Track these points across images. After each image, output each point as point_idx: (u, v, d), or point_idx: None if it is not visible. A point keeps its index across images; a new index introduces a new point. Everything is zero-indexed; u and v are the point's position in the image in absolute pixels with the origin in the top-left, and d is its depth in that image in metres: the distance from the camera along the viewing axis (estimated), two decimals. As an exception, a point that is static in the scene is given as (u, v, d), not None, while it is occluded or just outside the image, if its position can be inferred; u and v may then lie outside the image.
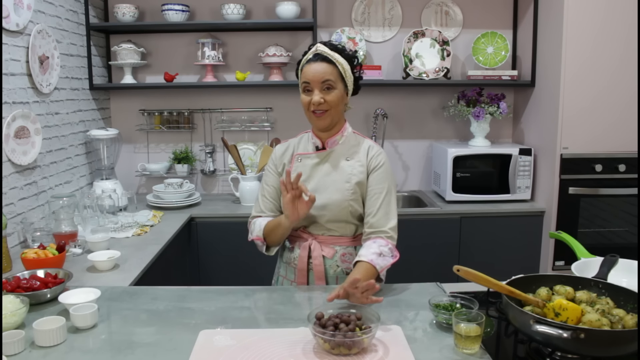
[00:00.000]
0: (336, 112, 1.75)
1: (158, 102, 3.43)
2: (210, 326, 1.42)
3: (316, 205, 1.75)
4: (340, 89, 1.74)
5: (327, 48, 1.75)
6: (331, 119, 1.75)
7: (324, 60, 1.72)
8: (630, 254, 1.74)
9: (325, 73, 1.70)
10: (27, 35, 2.38)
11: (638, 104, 2.88)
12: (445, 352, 1.27)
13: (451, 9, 3.41)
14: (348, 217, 1.78)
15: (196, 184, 3.49)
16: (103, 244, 2.18)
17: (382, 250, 1.68)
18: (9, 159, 2.23)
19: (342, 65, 1.74)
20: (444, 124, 3.52)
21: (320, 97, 1.70)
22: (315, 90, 1.71)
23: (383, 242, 1.71)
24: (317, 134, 1.83)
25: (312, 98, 1.71)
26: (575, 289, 1.35)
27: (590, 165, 2.95)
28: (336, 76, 1.72)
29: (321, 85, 1.71)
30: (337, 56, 1.74)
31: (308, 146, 1.85)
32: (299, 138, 1.90)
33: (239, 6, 3.12)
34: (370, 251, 1.67)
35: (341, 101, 1.76)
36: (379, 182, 1.77)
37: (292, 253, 1.85)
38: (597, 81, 2.87)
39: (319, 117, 1.73)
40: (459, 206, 3.07)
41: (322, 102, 1.71)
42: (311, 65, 1.72)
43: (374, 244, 1.70)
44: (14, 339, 1.28)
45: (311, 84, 1.71)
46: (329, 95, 1.71)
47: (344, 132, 1.83)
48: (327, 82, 1.70)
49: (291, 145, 1.89)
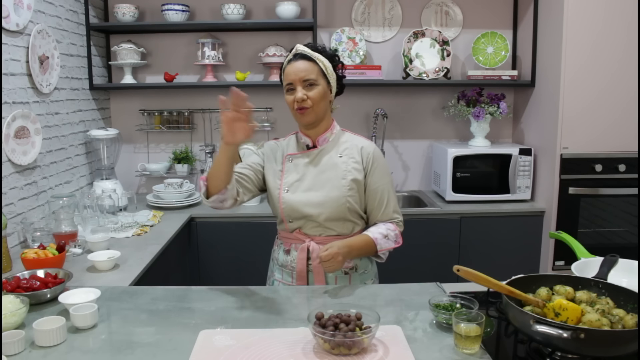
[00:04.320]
0: (319, 108, 1.77)
1: (158, 102, 3.43)
2: (210, 326, 1.42)
3: (314, 203, 1.76)
4: (322, 85, 1.76)
5: (306, 48, 1.78)
6: (315, 115, 1.77)
7: (304, 58, 1.75)
8: (630, 254, 1.74)
9: (306, 71, 1.73)
10: (27, 35, 2.38)
11: (638, 104, 2.88)
12: (445, 352, 1.27)
13: (451, 9, 3.41)
14: (346, 213, 1.78)
15: (196, 184, 3.48)
16: (103, 244, 2.18)
17: (389, 233, 1.80)
18: (9, 159, 2.23)
19: (323, 62, 1.76)
20: (444, 124, 3.52)
21: (302, 93, 1.73)
22: (298, 87, 1.73)
23: (392, 226, 1.83)
24: (306, 133, 1.84)
25: (295, 95, 1.73)
26: (575, 289, 1.35)
27: (590, 165, 2.95)
28: (317, 73, 1.75)
29: (303, 83, 1.73)
30: (317, 54, 1.76)
31: (298, 146, 1.86)
32: (288, 139, 1.92)
33: (239, 6, 3.12)
34: (378, 230, 1.79)
35: (324, 97, 1.77)
36: (380, 179, 1.82)
37: (289, 256, 1.84)
38: (597, 81, 2.87)
39: (303, 114, 1.76)
40: (459, 206, 3.07)
41: (305, 98, 1.73)
42: (292, 65, 1.75)
43: (384, 225, 1.82)
44: (14, 339, 1.28)
45: (293, 83, 1.74)
46: (311, 91, 1.73)
47: (333, 130, 1.85)
48: (309, 80, 1.73)
49: (281, 145, 1.90)
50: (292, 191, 1.80)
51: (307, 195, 1.78)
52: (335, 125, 1.87)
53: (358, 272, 1.84)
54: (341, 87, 1.86)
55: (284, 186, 1.81)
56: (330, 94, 1.80)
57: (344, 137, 1.86)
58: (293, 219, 1.81)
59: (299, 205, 1.78)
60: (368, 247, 1.76)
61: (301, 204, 1.78)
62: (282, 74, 1.81)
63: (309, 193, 1.78)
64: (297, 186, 1.80)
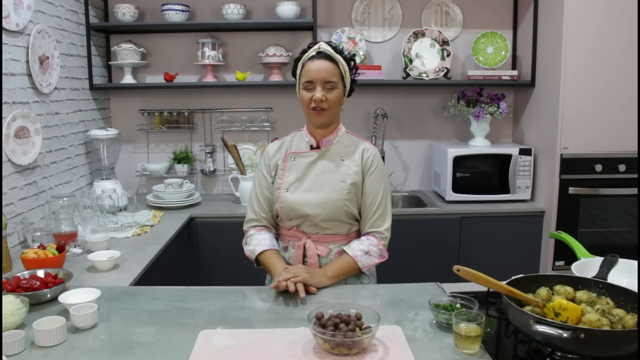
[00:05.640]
0: (334, 110, 1.76)
1: (158, 102, 3.43)
2: (210, 326, 1.42)
3: (312, 204, 1.76)
4: (340, 89, 1.76)
5: (330, 47, 1.76)
6: (329, 117, 1.76)
7: (327, 58, 1.73)
8: (630, 254, 1.74)
9: (329, 72, 1.71)
10: (27, 35, 2.38)
11: (638, 104, 2.88)
12: (445, 352, 1.27)
13: (451, 9, 3.41)
14: (342, 216, 1.78)
15: (196, 184, 3.49)
16: (103, 244, 2.18)
17: (371, 249, 1.76)
18: (9, 159, 2.23)
19: (343, 65, 1.76)
20: (444, 124, 3.52)
21: (322, 94, 1.71)
22: (318, 87, 1.71)
23: (375, 241, 1.78)
24: (312, 133, 1.83)
25: (314, 94, 1.71)
26: (575, 289, 1.35)
27: (590, 165, 2.95)
28: (338, 76, 1.74)
29: (324, 84, 1.71)
30: (338, 56, 1.75)
31: (301, 144, 1.86)
32: (292, 136, 1.90)
33: (239, 6, 3.12)
34: (360, 247, 1.75)
35: (340, 101, 1.77)
36: (375, 184, 1.80)
37: (286, 252, 1.86)
38: (597, 81, 2.87)
39: (318, 114, 1.74)
40: (459, 206, 3.07)
41: (324, 99, 1.71)
42: (314, 62, 1.72)
43: (367, 240, 1.78)
44: (14, 339, 1.28)
45: (314, 82, 1.72)
46: (331, 94, 1.72)
47: (338, 132, 1.84)
48: (330, 82, 1.71)
49: (285, 143, 1.90)
50: (291, 191, 1.80)
51: (305, 196, 1.78)
52: (341, 127, 1.86)
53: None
54: (351, 90, 1.85)
55: (284, 185, 1.82)
56: (343, 98, 1.80)
57: (348, 140, 1.85)
58: (291, 217, 1.82)
59: (297, 205, 1.78)
60: (348, 266, 1.74)
61: (299, 204, 1.78)
62: (298, 69, 1.78)
63: (308, 194, 1.78)
64: (297, 186, 1.81)
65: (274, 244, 1.83)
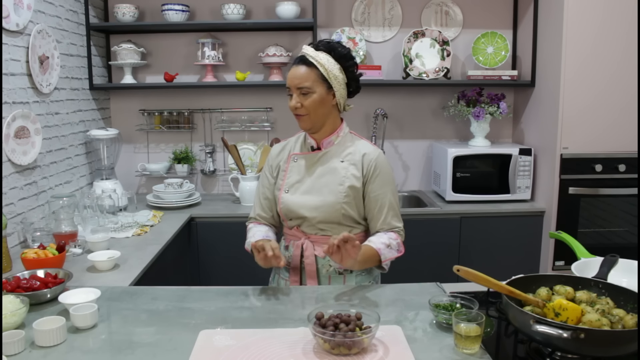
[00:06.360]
0: (316, 115, 1.74)
1: (158, 102, 3.43)
2: (210, 326, 1.42)
3: (309, 206, 1.77)
4: (319, 92, 1.72)
5: (311, 49, 1.74)
6: (312, 122, 1.76)
7: (303, 62, 1.73)
8: (630, 254, 1.74)
9: (301, 78, 1.71)
10: (27, 35, 2.38)
11: (638, 104, 2.88)
12: (445, 352, 1.27)
13: (451, 9, 3.41)
14: (340, 219, 1.78)
15: (196, 184, 3.49)
16: (103, 244, 2.18)
17: (391, 242, 1.76)
18: (9, 159, 2.23)
19: (324, 66, 1.70)
20: (444, 124, 3.52)
21: (296, 101, 1.72)
22: (294, 94, 1.73)
23: (394, 235, 1.79)
24: (311, 135, 1.83)
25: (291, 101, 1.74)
26: (575, 289, 1.35)
27: (590, 165, 2.95)
28: (313, 80, 1.71)
29: (297, 90, 1.72)
30: (321, 56, 1.71)
31: (304, 146, 1.86)
32: (297, 137, 1.91)
33: (239, 6, 3.12)
34: (381, 240, 1.75)
35: (321, 104, 1.73)
36: (381, 187, 1.79)
37: (287, 252, 1.87)
38: (597, 81, 2.87)
39: (300, 120, 1.76)
40: (459, 206, 3.07)
41: (299, 106, 1.72)
42: (292, 69, 1.75)
43: (385, 235, 1.77)
44: (14, 339, 1.28)
45: (291, 88, 1.74)
46: (306, 100, 1.72)
47: (339, 133, 1.83)
48: (302, 88, 1.71)
49: (289, 144, 1.91)
50: (291, 192, 1.81)
51: (304, 198, 1.79)
52: (344, 128, 1.84)
53: (353, 274, 1.83)
54: (357, 87, 1.81)
55: (285, 186, 1.83)
56: (332, 98, 1.75)
57: (350, 142, 1.83)
58: (291, 217, 1.83)
59: (295, 207, 1.79)
60: (372, 258, 1.71)
61: (297, 205, 1.79)
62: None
63: (306, 196, 1.79)
64: (297, 187, 1.81)
65: (268, 235, 1.85)
